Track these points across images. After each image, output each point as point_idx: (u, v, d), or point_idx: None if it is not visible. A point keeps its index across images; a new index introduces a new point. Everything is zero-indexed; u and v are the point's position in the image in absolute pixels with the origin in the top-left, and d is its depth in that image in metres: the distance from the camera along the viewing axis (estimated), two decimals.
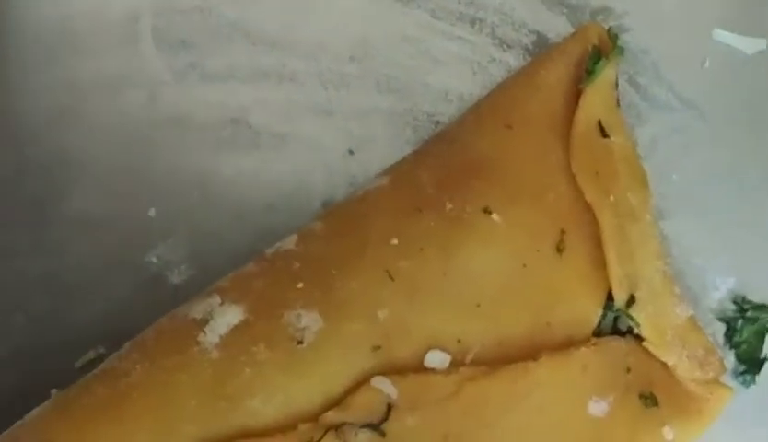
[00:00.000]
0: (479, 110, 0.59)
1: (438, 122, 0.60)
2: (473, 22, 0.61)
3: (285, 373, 0.51)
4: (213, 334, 0.52)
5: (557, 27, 0.61)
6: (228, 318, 0.53)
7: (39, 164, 0.59)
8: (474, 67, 0.61)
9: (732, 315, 0.60)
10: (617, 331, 0.56)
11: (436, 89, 0.60)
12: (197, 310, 0.53)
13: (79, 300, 0.58)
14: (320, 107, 0.60)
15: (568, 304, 0.55)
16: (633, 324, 0.55)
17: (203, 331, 0.52)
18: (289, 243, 0.55)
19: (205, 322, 0.53)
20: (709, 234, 0.60)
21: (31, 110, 0.59)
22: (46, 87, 0.59)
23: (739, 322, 0.60)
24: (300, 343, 0.52)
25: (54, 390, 0.53)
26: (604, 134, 0.56)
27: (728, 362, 0.59)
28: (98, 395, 0.51)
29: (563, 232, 0.55)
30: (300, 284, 0.53)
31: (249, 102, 0.60)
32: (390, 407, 0.52)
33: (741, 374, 0.59)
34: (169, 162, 0.59)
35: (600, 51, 0.57)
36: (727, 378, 0.58)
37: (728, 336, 0.60)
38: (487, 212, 0.55)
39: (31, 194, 0.58)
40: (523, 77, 0.59)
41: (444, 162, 0.57)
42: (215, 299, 0.54)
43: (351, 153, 0.60)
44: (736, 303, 0.60)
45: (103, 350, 0.57)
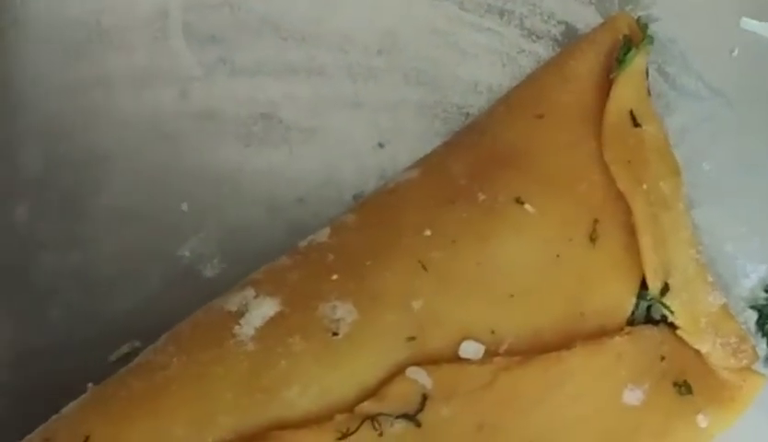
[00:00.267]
0: (509, 101, 0.59)
1: (468, 114, 0.60)
2: (502, 14, 0.61)
3: (321, 364, 0.52)
4: (248, 327, 0.52)
5: (586, 17, 0.61)
6: (264, 310, 0.53)
7: (71, 159, 0.59)
8: (503, 59, 0.61)
9: (763, 303, 0.60)
10: (650, 320, 0.56)
11: (465, 81, 0.61)
12: (232, 303, 0.54)
13: (113, 294, 0.58)
14: (350, 100, 0.60)
15: (602, 293, 0.55)
16: (667, 312, 0.55)
17: (238, 324, 0.53)
18: (322, 236, 0.56)
19: (241, 315, 0.53)
20: (740, 222, 0.60)
21: (63, 107, 0.59)
22: (77, 84, 0.60)
23: None
24: (335, 334, 0.52)
25: (90, 385, 0.53)
26: (636, 124, 0.56)
27: (761, 349, 0.59)
28: (135, 388, 0.52)
29: (595, 221, 0.55)
30: (334, 276, 0.53)
31: (278, 96, 0.60)
32: (426, 397, 0.52)
33: None
34: (200, 157, 0.59)
35: (631, 40, 0.57)
36: (759, 366, 0.58)
37: (760, 324, 0.60)
38: (520, 202, 0.55)
39: (64, 189, 0.59)
40: (553, 68, 0.59)
41: (475, 153, 0.57)
42: (249, 292, 0.54)
43: (380, 146, 0.60)
44: (767, 291, 0.60)
45: (138, 344, 0.57)
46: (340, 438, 0.51)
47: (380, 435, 0.51)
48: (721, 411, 0.56)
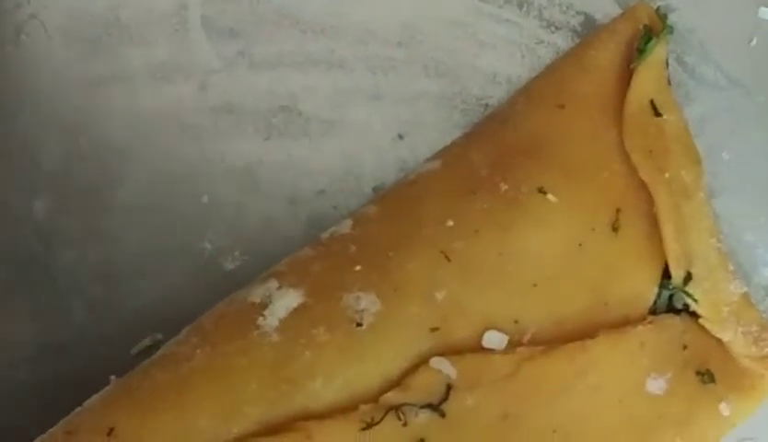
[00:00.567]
0: (530, 91, 0.59)
1: (487, 105, 0.60)
2: (521, 5, 0.61)
3: (345, 355, 0.52)
4: (272, 318, 0.52)
5: (604, 7, 0.61)
6: (287, 301, 0.53)
7: (91, 154, 0.59)
8: (522, 50, 0.61)
9: None
10: (672, 309, 0.56)
11: (484, 72, 0.61)
12: (255, 294, 0.54)
13: (134, 288, 0.59)
14: (369, 92, 0.60)
15: (624, 282, 0.55)
16: (690, 301, 0.55)
17: (262, 315, 0.53)
18: (344, 227, 0.56)
19: (264, 306, 0.53)
20: (760, 211, 0.60)
21: (82, 101, 0.59)
22: (96, 78, 0.60)
23: None
24: (359, 325, 0.52)
25: (113, 377, 0.53)
26: (657, 113, 0.56)
27: None
28: (159, 380, 0.52)
29: (618, 211, 0.55)
30: (358, 267, 0.53)
31: (298, 89, 0.60)
32: (450, 387, 0.52)
33: None
34: (220, 150, 0.60)
35: (651, 30, 0.57)
36: None
37: None
38: (542, 192, 0.55)
39: (86, 183, 0.59)
40: (573, 58, 0.59)
41: (497, 143, 0.57)
42: (272, 283, 0.54)
43: (400, 137, 0.60)
44: None
45: (160, 337, 0.57)
46: (364, 428, 0.51)
47: (404, 425, 0.51)
48: (743, 399, 0.56)
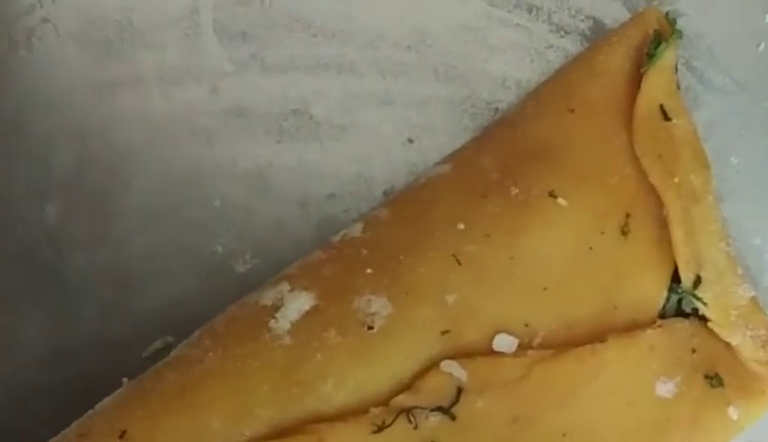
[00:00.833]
0: (540, 95, 0.59)
1: (497, 110, 0.61)
2: (530, 9, 0.61)
3: (356, 358, 0.52)
4: (284, 321, 0.53)
5: (613, 12, 0.61)
6: (299, 304, 0.53)
7: (102, 157, 0.59)
8: (532, 54, 0.61)
9: None
10: (681, 313, 0.56)
11: (493, 77, 0.61)
12: (267, 297, 0.54)
13: (145, 291, 0.59)
14: (380, 96, 0.60)
15: (634, 286, 0.55)
16: (699, 305, 0.55)
17: (274, 318, 0.53)
18: (355, 230, 0.56)
19: (276, 309, 0.53)
20: (767, 215, 0.61)
21: (94, 105, 0.60)
22: (108, 81, 0.60)
23: None
24: (371, 328, 0.52)
25: (125, 380, 0.54)
26: (666, 117, 0.56)
27: None
28: (171, 383, 0.52)
29: (627, 215, 0.56)
30: (369, 270, 0.54)
31: (309, 93, 0.60)
32: (460, 390, 0.52)
33: None
34: (231, 153, 0.60)
35: (661, 35, 0.58)
36: None
37: None
38: (552, 196, 0.55)
39: (97, 186, 0.59)
40: (583, 62, 0.59)
41: (507, 147, 0.57)
42: (284, 286, 0.54)
43: (410, 141, 0.60)
44: None
45: (171, 339, 0.58)
46: (375, 431, 0.51)
47: (415, 428, 0.52)
48: (751, 403, 0.56)
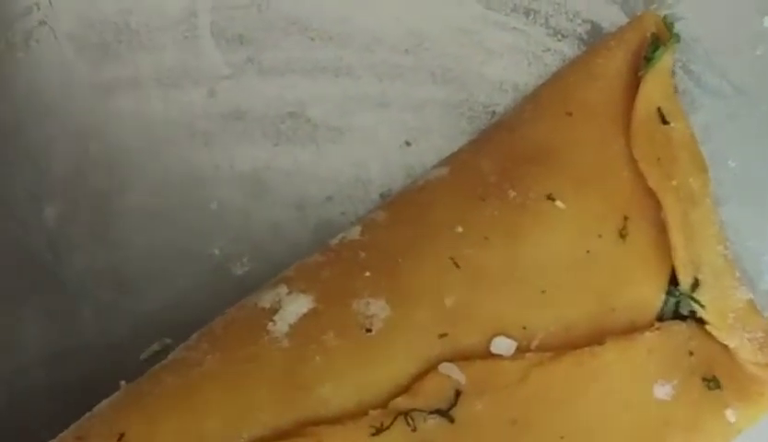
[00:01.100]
0: (538, 99, 0.59)
1: (494, 113, 0.61)
2: (527, 13, 0.61)
3: (355, 361, 0.52)
4: (282, 323, 0.53)
5: (611, 16, 0.61)
6: (297, 307, 0.53)
7: (101, 159, 0.60)
8: (529, 57, 0.61)
9: None
10: (678, 316, 0.56)
11: (490, 80, 0.61)
12: (265, 300, 0.54)
13: (143, 293, 0.59)
14: (377, 99, 0.61)
15: (632, 289, 0.55)
16: (697, 308, 0.55)
17: (272, 321, 0.53)
18: (353, 233, 0.56)
19: (274, 312, 0.53)
20: (764, 218, 0.61)
21: (92, 107, 0.60)
22: (105, 84, 0.60)
23: None
24: (369, 330, 0.52)
25: (123, 383, 0.54)
26: (664, 121, 0.57)
27: None
28: (169, 385, 0.52)
29: (625, 218, 0.56)
30: (367, 273, 0.54)
31: (306, 96, 0.60)
32: (459, 393, 0.52)
33: None
34: (229, 156, 0.60)
35: (659, 39, 0.58)
36: None
37: None
38: (550, 199, 0.55)
39: (95, 188, 0.59)
40: (581, 66, 0.59)
41: (505, 150, 0.57)
42: (282, 289, 0.54)
43: (407, 144, 0.61)
44: None
45: (169, 342, 0.58)
46: (374, 434, 0.51)
47: (414, 430, 0.52)
48: (749, 406, 0.56)
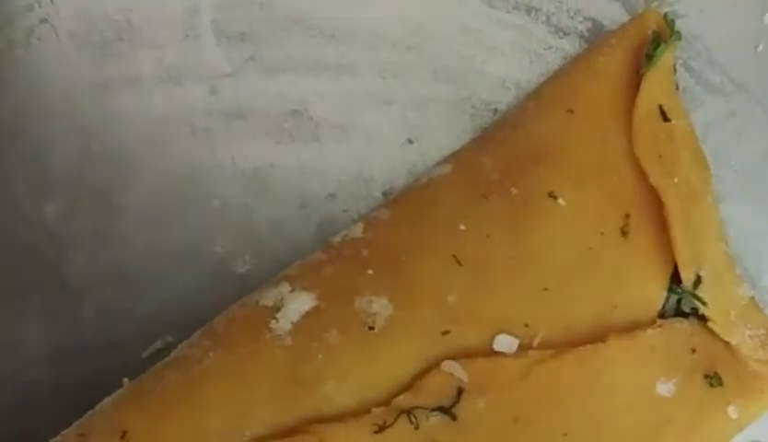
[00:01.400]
0: (540, 96, 0.59)
1: (496, 110, 0.61)
2: (529, 10, 0.61)
3: (357, 358, 0.52)
4: (285, 321, 0.53)
5: (612, 13, 0.61)
6: (300, 304, 0.53)
7: (102, 157, 0.59)
8: (531, 55, 0.61)
9: None
10: (680, 313, 0.56)
11: (493, 77, 0.61)
12: (268, 298, 0.54)
13: (145, 291, 0.59)
14: (379, 97, 0.61)
15: (634, 286, 0.56)
16: (699, 305, 0.55)
17: (274, 318, 0.53)
18: (356, 231, 0.56)
19: (277, 309, 0.53)
20: (765, 215, 0.61)
21: (93, 105, 0.60)
22: (107, 81, 0.60)
23: None
24: (371, 328, 0.53)
25: (126, 380, 0.54)
26: (666, 118, 0.57)
27: None
28: (171, 383, 0.52)
29: (627, 215, 0.56)
30: (370, 271, 0.54)
31: (308, 93, 0.60)
32: (461, 391, 0.52)
33: None
34: (231, 153, 0.60)
35: (660, 36, 0.58)
36: None
37: None
38: (552, 196, 0.55)
39: (96, 186, 0.59)
40: (583, 63, 0.59)
41: (507, 148, 0.57)
42: (284, 287, 0.54)
43: (410, 142, 0.61)
44: None
45: (171, 339, 0.58)
46: (376, 432, 0.51)
47: (416, 428, 0.52)
48: (751, 402, 0.56)
